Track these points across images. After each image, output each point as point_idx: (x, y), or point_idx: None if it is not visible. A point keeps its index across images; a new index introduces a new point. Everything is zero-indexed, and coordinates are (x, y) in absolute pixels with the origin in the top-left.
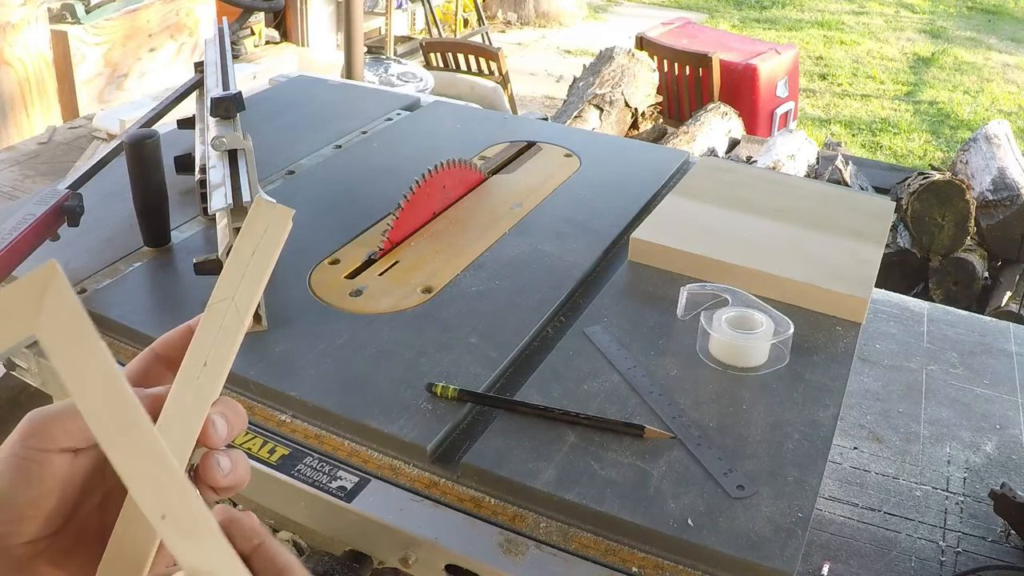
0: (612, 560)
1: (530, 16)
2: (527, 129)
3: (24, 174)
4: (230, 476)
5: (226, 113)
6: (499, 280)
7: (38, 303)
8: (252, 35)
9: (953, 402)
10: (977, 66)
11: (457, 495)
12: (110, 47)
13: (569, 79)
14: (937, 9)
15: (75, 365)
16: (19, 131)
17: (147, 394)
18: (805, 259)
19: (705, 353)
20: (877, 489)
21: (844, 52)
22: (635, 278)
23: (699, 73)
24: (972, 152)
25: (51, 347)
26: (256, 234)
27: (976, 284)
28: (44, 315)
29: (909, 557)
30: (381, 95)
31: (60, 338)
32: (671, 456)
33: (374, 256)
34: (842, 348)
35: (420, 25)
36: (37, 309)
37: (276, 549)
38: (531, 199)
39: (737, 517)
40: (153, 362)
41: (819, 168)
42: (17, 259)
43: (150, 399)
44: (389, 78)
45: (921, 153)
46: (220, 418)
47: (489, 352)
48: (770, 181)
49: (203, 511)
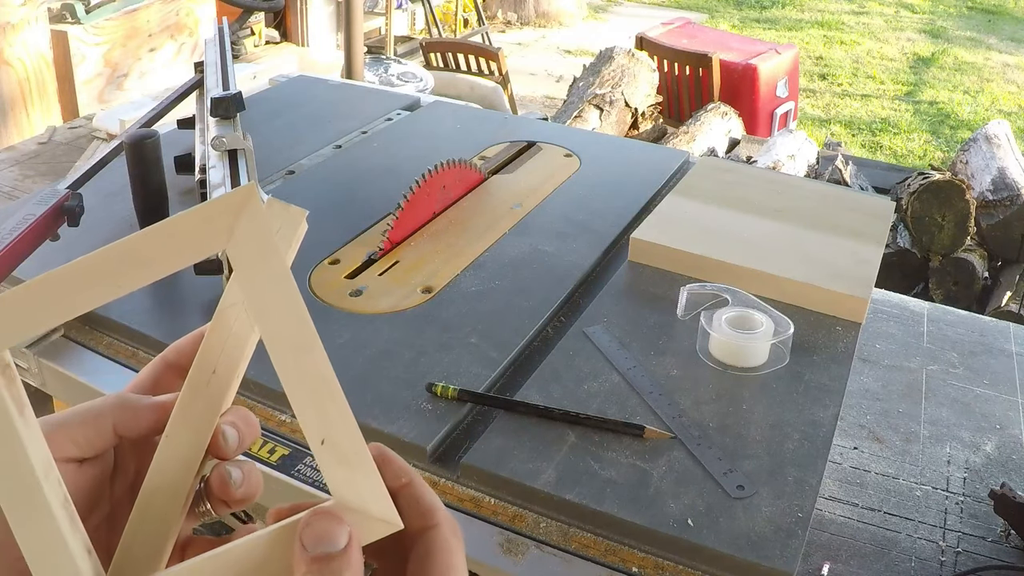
0: (612, 560)
1: (530, 16)
2: (527, 129)
3: (24, 174)
4: (242, 489)
5: (226, 113)
6: (499, 280)
7: (233, 222)
8: (252, 35)
9: (953, 402)
10: (977, 66)
11: (457, 495)
12: (110, 47)
13: (569, 79)
14: (937, 9)
15: (260, 286)
16: (19, 131)
17: (153, 402)
18: (805, 259)
19: (705, 353)
20: (877, 489)
21: (844, 52)
22: (635, 278)
23: (699, 73)
24: (972, 152)
25: (239, 266)
26: None
27: (976, 284)
28: (237, 234)
29: (909, 557)
30: (381, 95)
31: (249, 258)
32: (671, 456)
33: (374, 256)
34: (842, 348)
35: (420, 25)
36: (231, 228)
37: (422, 490)
38: (531, 199)
39: (737, 517)
40: (164, 370)
41: (819, 168)
42: (17, 259)
43: (156, 407)
44: (389, 78)
45: (921, 153)
46: (231, 428)
47: (489, 352)
48: (770, 181)
49: (361, 443)
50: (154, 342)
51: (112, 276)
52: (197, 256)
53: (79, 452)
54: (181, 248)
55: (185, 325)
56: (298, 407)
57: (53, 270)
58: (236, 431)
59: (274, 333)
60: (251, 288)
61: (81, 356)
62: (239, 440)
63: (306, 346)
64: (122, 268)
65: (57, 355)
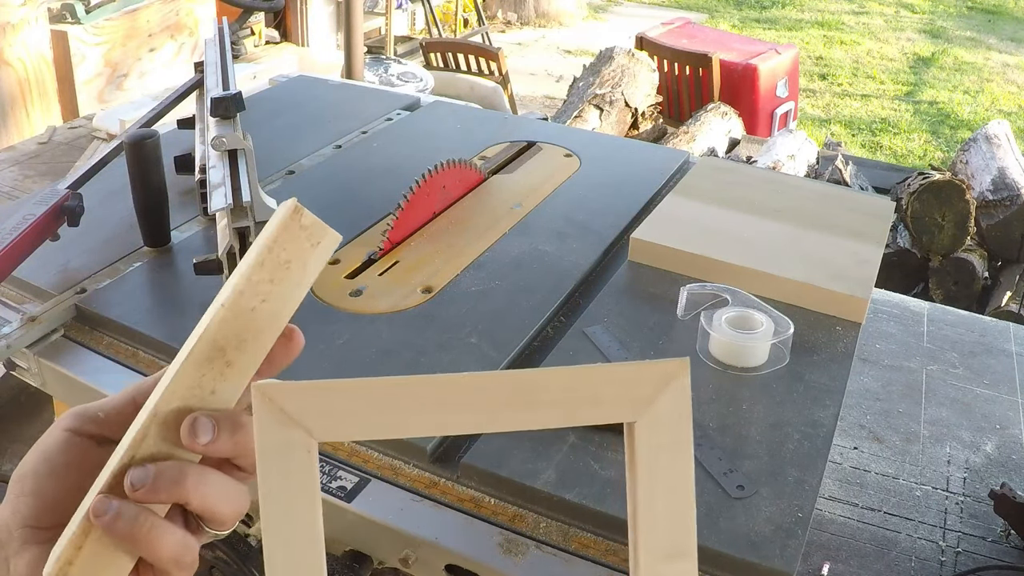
0: (612, 560)
1: (530, 16)
2: (527, 129)
3: (24, 174)
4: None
5: (226, 113)
6: (499, 280)
7: (653, 396)
8: (252, 35)
9: (953, 402)
10: (977, 66)
11: (457, 495)
12: (110, 47)
13: (569, 79)
14: (937, 9)
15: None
16: (19, 131)
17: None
18: (805, 259)
19: (705, 353)
20: (877, 489)
21: (844, 52)
22: (635, 278)
23: (699, 73)
24: (972, 152)
25: (645, 439)
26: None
27: (976, 284)
28: (658, 407)
29: (909, 557)
30: (381, 95)
31: (661, 434)
32: None
33: (374, 256)
34: (842, 348)
35: (420, 25)
36: (649, 401)
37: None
38: (531, 199)
39: (737, 517)
40: (131, 407)
41: (819, 168)
42: (17, 259)
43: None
44: (389, 78)
45: (921, 153)
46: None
47: (489, 352)
48: (770, 181)
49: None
50: (154, 342)
51: (492, 408)
52: (601, 418)
53: (99, 430)
54: (583, 402)
55: (185, 325)
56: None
57: (426, 377)
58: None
59: (658, 512)
60: (653, 462)
61: (81, 356)
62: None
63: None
64: (510, 402)
65: (57, 355)
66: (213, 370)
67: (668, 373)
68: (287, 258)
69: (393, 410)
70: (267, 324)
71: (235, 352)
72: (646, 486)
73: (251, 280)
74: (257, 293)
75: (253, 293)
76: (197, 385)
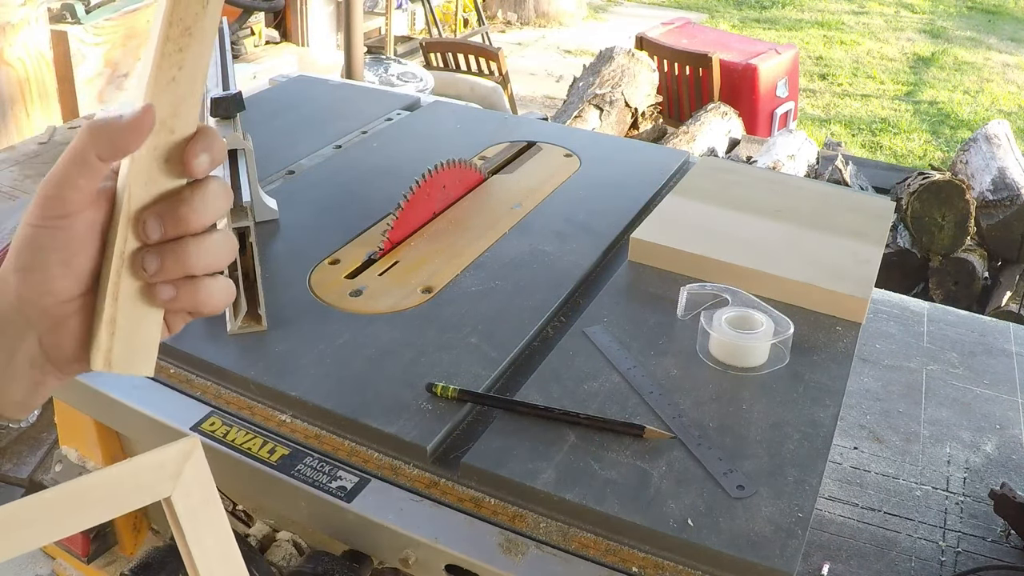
0: (612, 560)
1: (530, 16)
2: (527, 129)
3: (24, 174)
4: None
5: (226, 113)
6: (499, 280)
7: (178, 471)
8: (252, 35)
9: (953, 402)
10: (977, 66)
11: (457, 495)
12: (110, 47)
13: (569, 79)
14: (937, 9)
15: (199, 529)
16: (19, 131)
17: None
18: (805, 259)
19: (705, 353)
20: (877, 489)
21: (844, 52)
22: (635, 278)
23: (699, 73)
24: (972, 152)
25: (182, 511)
26: None
27: (976, 284)
28: (182, 482)
29: (909, 557)
30: (381, 95)
31: (191, 505)
32: (671, 456)
33: (374, 256)
34: (842, 348)
35: (420, 25)
36: (176, 475)
37: None
38: (531, 199)
39: (737, 517)
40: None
41: (819, 168)
42: None
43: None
44: (389, 78)
45: (921, 153)
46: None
47: (489, 352)
48: (770, 181)
49: None
50: None
51: (57, 517)
52: (144, 500)
53: (86, 199)
54: (128, 493)
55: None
56: None
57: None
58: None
59: (209, 571)
60: (191, 532)
61: None
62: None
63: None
64: (68, 510)
65: None
66: (160, 140)
67: (186, 451)
68: (187, 26)
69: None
70: (189, 88)
71: (173, 120)
72: (195, 541)
73: (164, 53)
74: (172, 64)
75: (169, 65)
76: (151, 159)
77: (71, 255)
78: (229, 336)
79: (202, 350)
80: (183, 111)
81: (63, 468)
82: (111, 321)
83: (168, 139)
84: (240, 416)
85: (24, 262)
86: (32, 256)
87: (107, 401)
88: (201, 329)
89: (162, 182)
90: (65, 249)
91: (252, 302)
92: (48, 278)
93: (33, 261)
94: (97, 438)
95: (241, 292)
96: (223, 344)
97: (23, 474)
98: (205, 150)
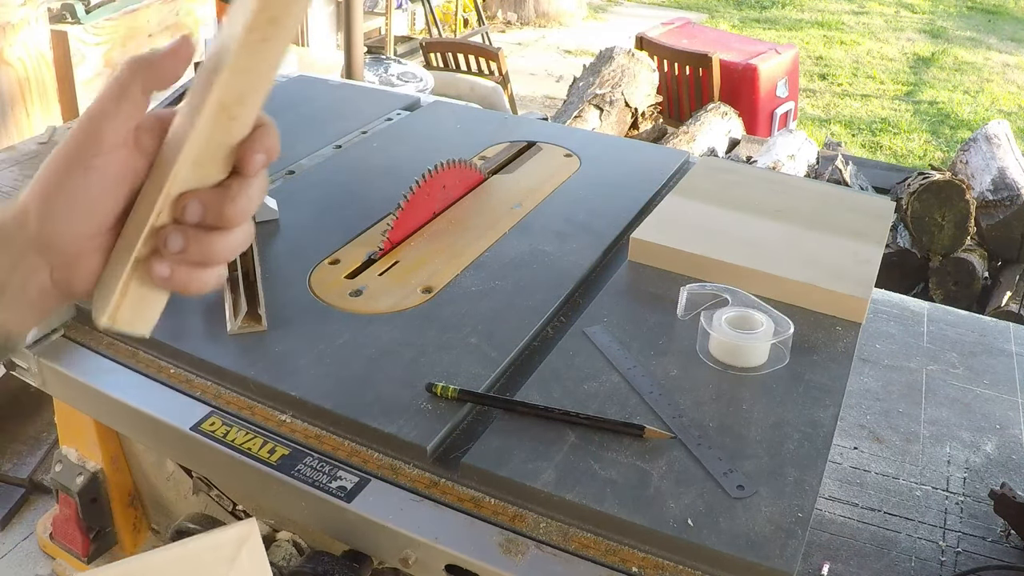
0: (612, 560)
1: (530, 16)
2: (527, 129)
3: (24, 174)
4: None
5: None
6: (499, 280)
7: (235, 554)
8: None
9: (953, 402)
10: (977, 66)
11: (457, 495)
12: (110, 47)
13: (569, 79)
14: (937, 9)
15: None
16: (19, 131)
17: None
18: (805, 259)
19: (705, 353)
20: (877, 489)
21: (844, 52)
22: (635, 278)
23: (699, 73)
24: (972, 152)
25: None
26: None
27: (976, 284)
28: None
29: (909, 557)
30: (381, 95)
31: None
32: (671, 456)
33: (374, 256)
34: (842, 348)
35: (420, 25)
36: (232, 559)
37: None
38: (531, 199)
39: (737, 517)
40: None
41: (819, 168)
42: None
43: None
44: (389, 78)
45: (921, 153)
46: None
47: (489, 352)
48: (770, 181)
49: None
50: (154, 342)
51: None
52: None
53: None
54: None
55: (184, 324)
56: None
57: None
58: (265, 155)
59: None
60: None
61: (81, 356)
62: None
63: None
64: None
65: (57, 355)
66: (219, 124)
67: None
68: (273, 15)
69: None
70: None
71: (238, 107)
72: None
73: (246, 42)
74: (252, 52)
75: (247, 53)
76: (206, 140)
77: (99, 198)
78: (229, 336)
79: (202, 350)
80: (249, 101)
81: (63, 468)
82: (125, 283)
83: (227, 125)
84: (240, 416)
85: (51, 201)
86: (61, 198)
87: (107, 401)
88: (201, 329)
89: (209, 167)
90: (95, 192)
91: (252, 302)
92: (73, 219)
93: (60, 202)
94: (97, 438)
95: (241, 292)
96: (223, 344)
97: (23, 474)
98: (264, 150)
